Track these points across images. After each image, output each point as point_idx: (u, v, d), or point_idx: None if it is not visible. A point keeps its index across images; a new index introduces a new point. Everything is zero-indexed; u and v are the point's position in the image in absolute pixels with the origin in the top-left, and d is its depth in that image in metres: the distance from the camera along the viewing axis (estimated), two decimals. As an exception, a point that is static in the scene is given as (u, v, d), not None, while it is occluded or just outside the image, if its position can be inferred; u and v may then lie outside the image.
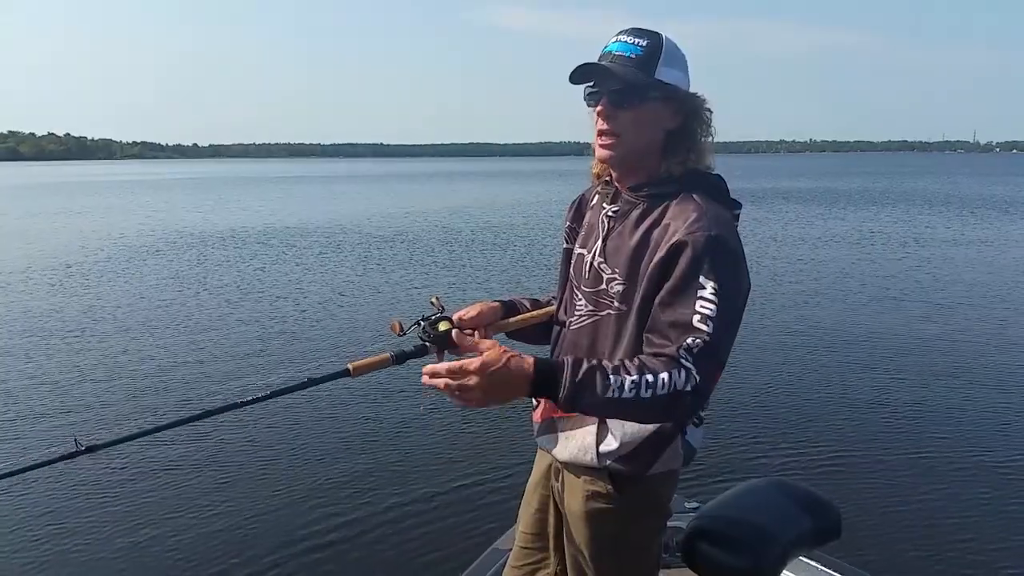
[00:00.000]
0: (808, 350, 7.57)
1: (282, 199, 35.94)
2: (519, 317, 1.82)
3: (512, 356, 1.36)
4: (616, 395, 1.36)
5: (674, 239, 1.47)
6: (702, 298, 1.43)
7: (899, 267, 12.97)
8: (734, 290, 1.47)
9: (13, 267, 13.34)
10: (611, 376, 1.36)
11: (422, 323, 1.68)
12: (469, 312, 1.72)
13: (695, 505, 2.23)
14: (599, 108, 1.58)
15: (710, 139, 1.60)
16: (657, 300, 1.48)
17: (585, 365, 1.38)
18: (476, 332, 1.70)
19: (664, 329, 1.45)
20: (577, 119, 1.70)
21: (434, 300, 1.74)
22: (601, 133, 1.59)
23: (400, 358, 1.64)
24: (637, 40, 1.55)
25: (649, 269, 1.51)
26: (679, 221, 1.50)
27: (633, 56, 1.54)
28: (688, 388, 1.37)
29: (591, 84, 1.60)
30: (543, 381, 1.37)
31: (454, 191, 43.57)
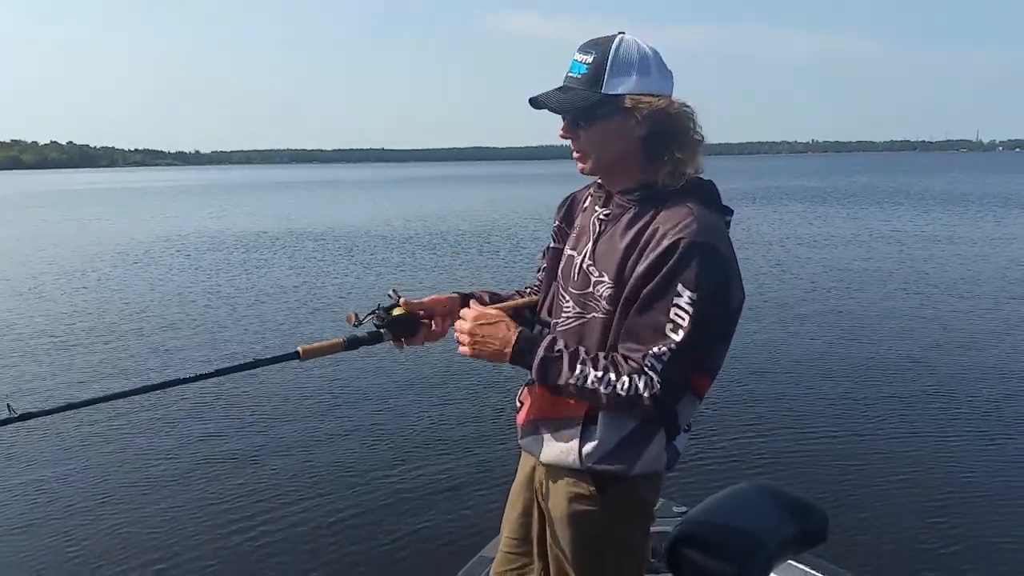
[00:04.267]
0: (793, 351, 7.55)
1: (283, 204, 35.92)
2: None
3: (504, 319, 1.58)
4: (579, 383, 1.49)
5: (662, 244, 1.47)
6: (677, 306, 1.45)
7: (890, 264, 13.02)
8: (714, 300, 1.47)
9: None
10: (579, 365, 1.49)
11: (378, 311, 1.68)
12: (424, 302, 1.73)
13: (682, 510, 2.21)
14: (560, 131, 1.63)
15: (697, 139, 1.56)
16: (637, 302, 1.50)
17: (560, 346, 1.52)
18: (433, 321, 1.72)
19: (637, 332, 1.50)
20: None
21: (392, 292, 1.74)
22: (572, 148, 1.63)
23: (353, 343, 1.64)
24: (584, 57, 1.56)
25: (635, 273, 1.51)
26: (668, 225, 1.49)
27: (580, 76, 1.56)
28: (646, 394, 1.46)
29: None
30: (522, 348, 1.54)
31: (453, 195, 43.54)
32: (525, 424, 1.76)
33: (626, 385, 1.47)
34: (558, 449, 1.65)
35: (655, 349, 1.46)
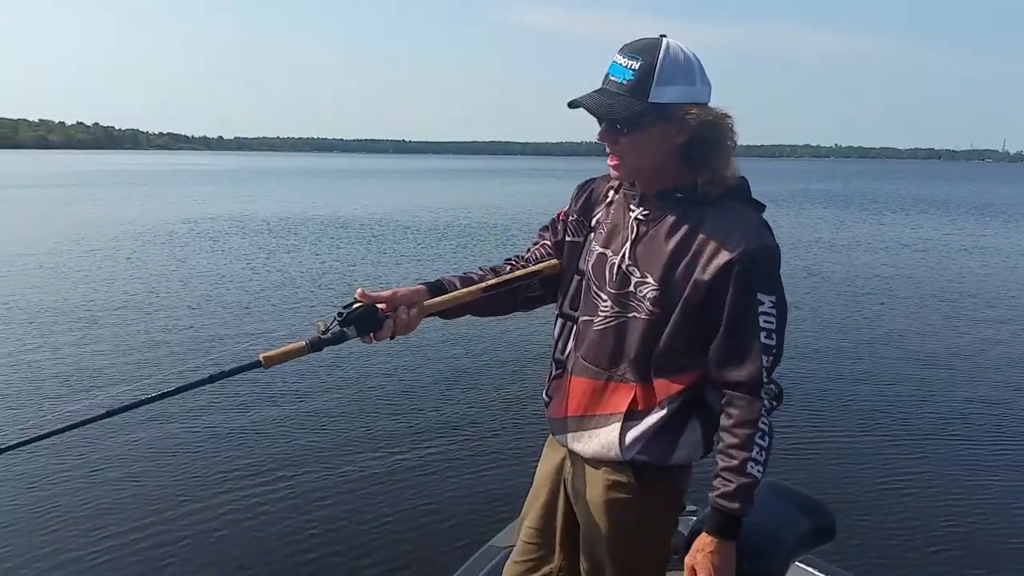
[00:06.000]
0: (807, 351, 7.54)
1: (305, 191, 36.06)
2: (448, 296, 1.71)
3: (708, 560, 1.56)
4: (763, 461, 1.54)
5: (724, 254, 1.50)
6: (764, 314, 1.52)
7: (913, 270, 12.93)
8: (784, 294, 1.56)
9: None
10: (748, 465, 1.52)
11: (340, 311, 1.62)
12: (382, 294, 1.64)
13: (692, 508, 2.21)
14: (598, 134, 1.59)
15: (732, 144, 1.57)
16: (723, 323, 1.53)
17: (733, 484, 1.52)
18: (399, 311, 1.63)
19: (739, 354, 1.54)
20: (595, 120, 1.67)
21: (358, 293, 1.69)
22: (608, 152, 1.61)
23: (316, 345, 1.58)
24: (630, 63, 1.52)
25: (696, 280, 1.53)
26: (725, 233, 1.52)
27: (625, 82, 1.53)
28: (775, 402, 1.56)
29: None
30: (732, 531, 1.57)
31: (473, 188, 43.53)
32: (560, 419, 1.76)
33: (764, 416, 1.54)
34: (599, 444, 1.66)
35: (763, 363, 1.52)
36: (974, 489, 4.51)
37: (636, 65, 1.52)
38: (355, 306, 1.61)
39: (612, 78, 1.55)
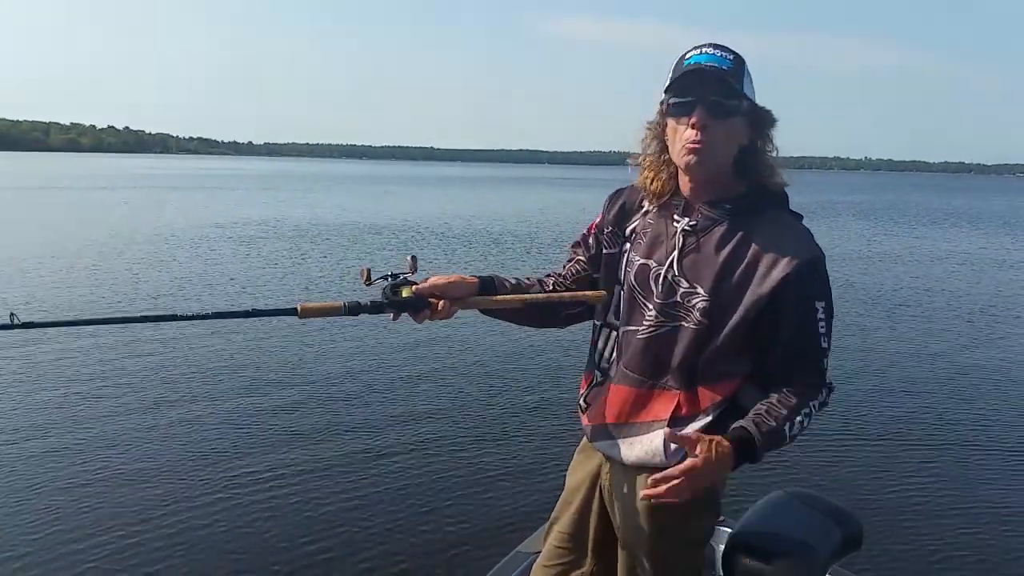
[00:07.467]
0: (832, 356, 7.48)
1: (339, 197, 36.25)
2: (495, 298, 1.71)
3: (715, 449, 1.48)
4: (795, 432, 1.57)
5: (785, 268, 1.54)
6: (819, 320, 1.59)
7: (944, 283, 12.79)
8: (832, 294, 1.63)
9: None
10: (786, 425, 1.55)
11: (389, 279, 1.65)
12: (438, 280, 1.65)
13: (721, 519, 2.20)
14: (693, 119, 1.54)
15: (776, 152, 1.62)
16: (787, 335, 1.58)
17: (768, 426, 1.54)
18: (441, 302, 1.64)
19: (801, 359, 1.61)
20: (623, 130, 1.72)
21: (409, 259, 1.71)
22: (690, 143, 1.55)
23: (354, 309, 1.60)
24: (725, 54, 1.56)
25: (753, 291, 1.56)
26: (780, 245, 1.56)
27: (726, 68, 1.54)
28: (827, 398, 1.65)
29: (676, 94, 1.58)
30: (743, 457, 1.53)
31: (504, 195, 43.51)
32: (600, 426, 1.76)
33: (815, 407, 1.61)
34: (642, 451, 1.67)
35: (822, 366, 1.61)
36: (1003, 499, 4.48)
37: (731, 57, 1.56)
38: (404, 294, 1.63)
39: (710, 65, 1.54)
